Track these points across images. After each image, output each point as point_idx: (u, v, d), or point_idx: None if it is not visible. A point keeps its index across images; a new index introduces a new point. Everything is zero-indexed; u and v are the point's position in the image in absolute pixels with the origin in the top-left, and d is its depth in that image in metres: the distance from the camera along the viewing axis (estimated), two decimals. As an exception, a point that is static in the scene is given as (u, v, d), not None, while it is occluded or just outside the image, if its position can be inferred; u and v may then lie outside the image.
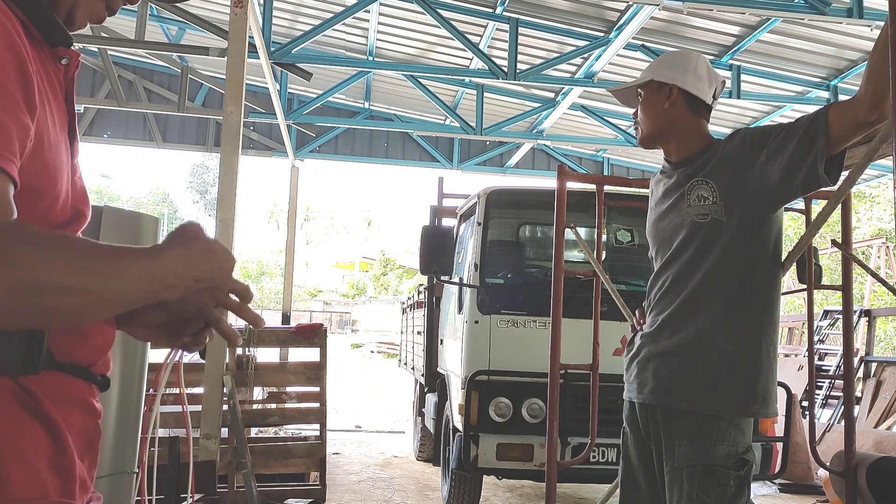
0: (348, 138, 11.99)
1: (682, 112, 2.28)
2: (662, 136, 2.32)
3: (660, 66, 2.34)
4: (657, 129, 2.32)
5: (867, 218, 20.22)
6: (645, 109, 2.34)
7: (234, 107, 4.78)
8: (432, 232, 5.05)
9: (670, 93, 2.28)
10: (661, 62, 2.37)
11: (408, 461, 7.81)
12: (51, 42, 0.93)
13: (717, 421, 2.09)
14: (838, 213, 3.27)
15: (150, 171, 68.39)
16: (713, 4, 6.04)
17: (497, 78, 7.83)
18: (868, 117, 1.88)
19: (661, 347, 2.21)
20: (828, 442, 6.97)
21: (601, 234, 3.54)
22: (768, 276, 2.18)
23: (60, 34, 0.95)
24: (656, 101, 2.30)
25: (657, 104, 2.30)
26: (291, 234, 11.36)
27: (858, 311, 9.27)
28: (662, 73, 2.31)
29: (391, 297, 38.54)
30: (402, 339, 9.65)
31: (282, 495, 5.11)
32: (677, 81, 2.27)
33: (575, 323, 3.98)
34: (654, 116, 2.31)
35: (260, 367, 5.48)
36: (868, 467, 2.87)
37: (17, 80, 0.83)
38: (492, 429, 4.60)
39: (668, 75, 2.29)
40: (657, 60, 2.41)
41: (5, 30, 0.84)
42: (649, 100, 2.32)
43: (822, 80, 8.05)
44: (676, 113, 2.28)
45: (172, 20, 9.28)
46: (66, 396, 0.92)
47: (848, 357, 3.34)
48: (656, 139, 2.34)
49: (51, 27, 0.93)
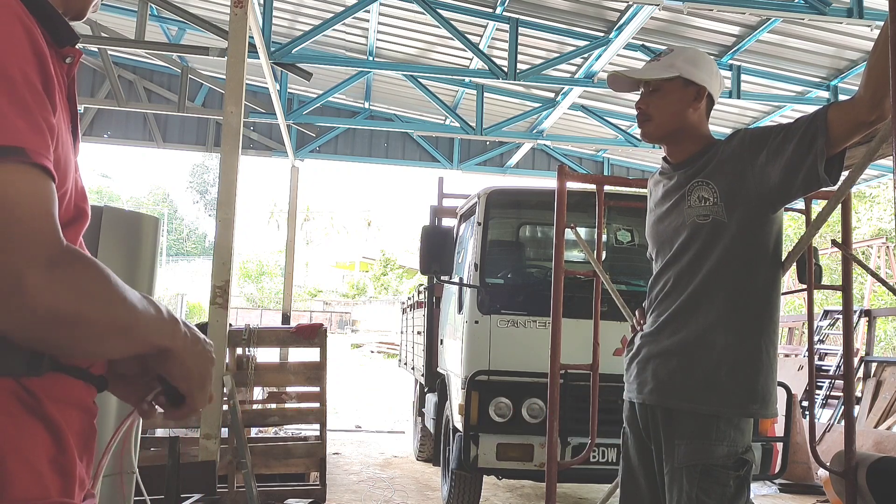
0: (348, 138, 11.99)
1: (702, 115, 2.26)
2: (676, 134, 2.25)
3: (687, 63, 2.23)
4: (674, 126, 2.24)
5: (867, 218, 20.22)
6: (664, 104, 2.23)
7: (234, 107, 4.78)
8: (432, 232, 5.06)
9: (698, 94, 2.23)
10: (688, 59, 2.24)
11: (408, 461, 7.81)
12: (58, 42, 0.95)
13: (717, 421, 2.09)
14: (838, 213, 3.26)
15: (150, 171, 68.46)
16: (713, 4, 6.04)
17: (497, 78, 7.83)
18: (867, 117, 1.88)
19: (660, 347, 2.21)
20: (828, 442, 6.97)
21: (601, 234, 3.54)
22: (769, 276, 2.18)
23: (68, 34, 0.96)
24: (681, 98, 2.22)
25: (681, 102, 2.22)
26: (291, 234, 11.36)
27: (858, 311, 9.28)
28: (692, 71, 2.22)
29: (391, 297, 38.53)
30: (402, 339, 9.65)
31: (282, 495, 5.11)
32: (707, 84, 2.23)
33: (575, 323, 3.98)
34: (674, 113, 2.23)
35: (260, 367, 5.48)
36: (868, 467, 2.87)
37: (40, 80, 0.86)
38: (492, 429, 4.60)
39: (699, 76, 2.22)
40: (683, 56, 2.26)
41: (29, 32, 0.86)
42: (672, 95, 2.22)
43: (822, 80, 8.05)
44: (698, 116, 2.24)
45: (172, 20, 9.27)
46: (66, 397, 0.93)
47: (848, 357, 3.34)
48: (668, 136, 2.26)
49: (58, 27, 0.95)
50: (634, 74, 2.30)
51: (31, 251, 0.79)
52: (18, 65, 0.83)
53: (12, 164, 0.79)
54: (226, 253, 4.61)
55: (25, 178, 0.80)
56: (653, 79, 2.23)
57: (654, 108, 2.24)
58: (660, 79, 2.22)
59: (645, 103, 2.26)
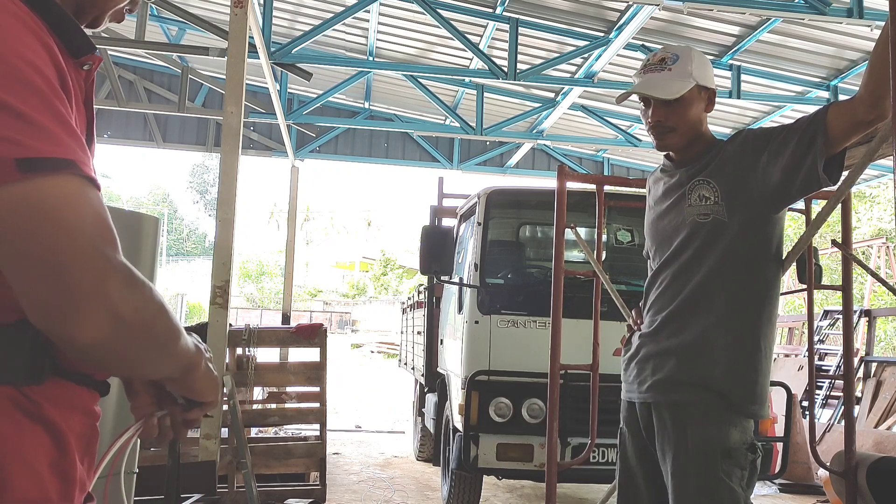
0: (348, 138, 11.99)
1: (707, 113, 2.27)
2: (695, 140, 2.23)
3: (699, 67, 2.20)
4: (695, 133, 2.22)
5: (867, 218, 20.22)
6: (684, 115, 2.18)
7: (234, 107, 4.78)
8: (432, 232, 5.06)
9: (710, 97, 2.23)
10: (698, 64, 2.20)
11: (408, 461, 7.81)
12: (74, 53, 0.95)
13: (726, 409, 2.09)
14: (838, 213, 3.26)
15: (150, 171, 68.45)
16: (713, 4, 6.04)
17: (497, 78, 7.83)
18: (867, 117, 1.88)
19: (660, 347, 2.20)
20: (828, 442, 6.96)
21: (601, 234, 3.54)
22: (769, 276, 2.17)
23: (85, 44, 0.96)
24: (699, 104, 2.21)
25: (699, 108, 2.21)
26: (291, 234, 11.35)
27: (858, 311, 9.27)
28: (705, 76, 2.21)
29: (391, 297, 38.53)
30: (402, 339, 9.65)
31: (282, 495, 5.11)
32: (714, 85, 2.24)
33: (575, 323, 3.98)
34: (695, 122, 2.21)
35: (260, 367, 5.48)
36: (868, 467, 2.88)
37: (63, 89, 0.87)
38: (492, 429, 4.60)
39: (710, 79, 2.22)
40: (692, 61, 2.19)
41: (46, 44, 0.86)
42: (694, 104, 2.19)
43: (822, 80, 8.05)
44: (706, 115, 2.26)
45: (172, 20, 9.28)
46: (69, 402, 0.93)
47: (848, 357, 3.34)
48: (689, 144, 2.23)
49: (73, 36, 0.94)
50: (660, 94, 2.18)
51: (108, 265, 0.80)
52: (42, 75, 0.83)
53: (68, 176, 0.80)
54: (226, 253, 4.61)
55: (83, 190, 0.81)
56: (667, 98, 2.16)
57: (676, 119, 2.19)
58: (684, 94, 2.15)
59: (664, 115, 2.19)
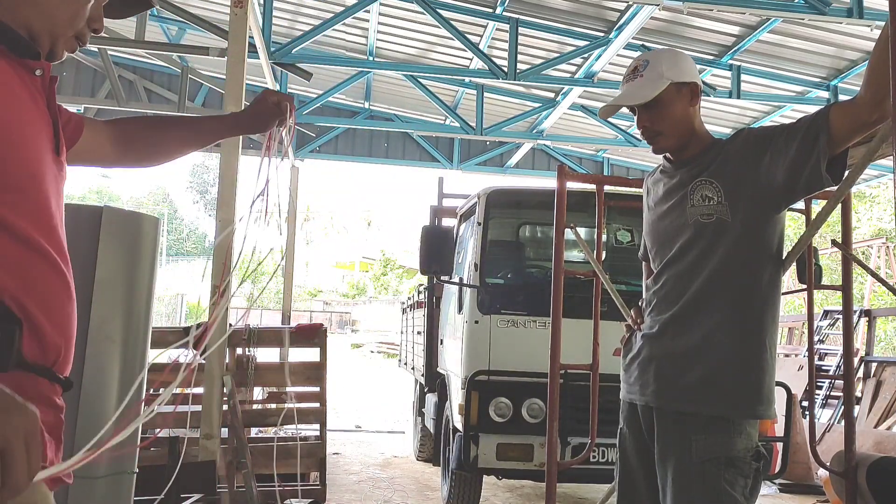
0: (348, 138, 11.99)
1: (697, 112, 2.25)
2: (688, 138, 2.22)
3: (672, 66, 2.20)
4: (684, 131, 2.21)
5: (867, 218, 20.22)
6: (667, 114, 2.19)
7: (234, 107, 4.78)
8: (432, 232, 5.06)
9: (692, 92, 2.21)
10: (671, 63, 2.21)
11: (408, 461, 7.81)
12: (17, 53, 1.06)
13: (730, 418, 2.08)
14: (838, 213, 3.26)
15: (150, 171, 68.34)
16: (713, 4, 6.03)
17: (497, 78, 7.83)
18: (869, 117, 1.88)
19: (664, 350, 2.19)
20: (828, 442, 6.96)
21: (601, 234, 3.54)
22: (772, 276, 2.16)
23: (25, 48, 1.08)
24: (680, 102, 2.19)
25: (681, 105, 2.20)
26: (291, 234, 11.36)
27: (858, 311, 9.27)
28: (679, 73, 2.20)
29: (391, 297, 38.54)
30: (402, 340, 9.65)
31: (282, 495, 5.11)
32: (695, 78, 2.22)
33: (575, 323, 3.98)
34: (681, 120, 2.20)
35: (260, 367, 5.47)
36: (868, 467, 2.87)
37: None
38: (492, 429, 4.60)
39: (688, 74, 2.21)
40: (664, 62, 2.21)
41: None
42: (672, 104, 2.18)
43: (822, 80, 8.05)
44: (696, 111, 2.24)
45: (172, 20, 9.27)
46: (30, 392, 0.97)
47: (848, 357, 3.33)
48: (682, 143, 2.22)
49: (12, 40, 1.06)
50: (629, 102, 2.22)
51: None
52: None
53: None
54: (226, 253, 4.60)
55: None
56: (634, 104, 2.19)
57: (658, 122, 2.20)
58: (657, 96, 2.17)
59: (648, 120, 2.21)
